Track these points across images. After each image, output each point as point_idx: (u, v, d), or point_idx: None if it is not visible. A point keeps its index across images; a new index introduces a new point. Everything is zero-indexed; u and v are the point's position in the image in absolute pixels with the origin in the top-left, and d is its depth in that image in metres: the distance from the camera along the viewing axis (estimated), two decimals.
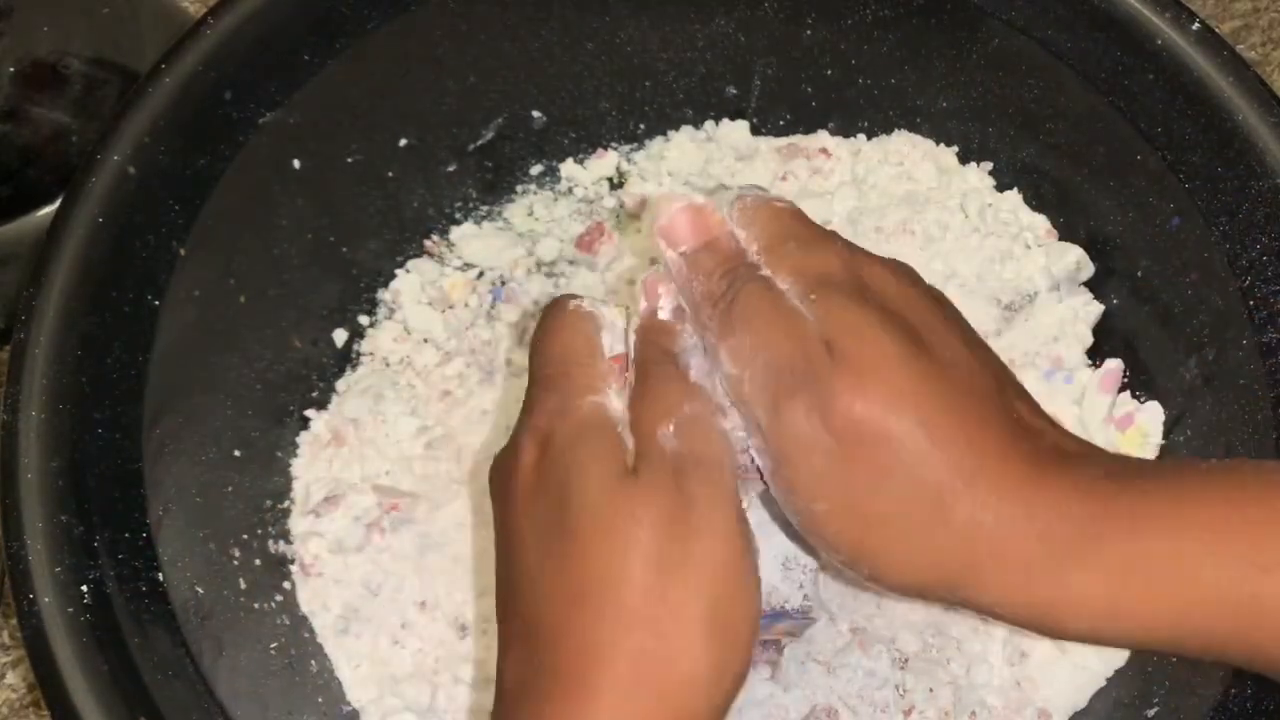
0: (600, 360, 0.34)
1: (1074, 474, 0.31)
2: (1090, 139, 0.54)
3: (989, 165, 0.60)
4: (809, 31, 0.58)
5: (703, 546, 0.30)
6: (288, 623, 0.52)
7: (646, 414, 0.32)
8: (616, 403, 0.33)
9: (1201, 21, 0.50)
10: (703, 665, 0.30)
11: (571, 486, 0.31)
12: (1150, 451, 0.54)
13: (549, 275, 0.60)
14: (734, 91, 0.61)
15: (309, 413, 0.57)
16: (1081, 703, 0.52)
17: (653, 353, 0.34)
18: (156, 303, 0.49)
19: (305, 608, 0.53)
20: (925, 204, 0.59)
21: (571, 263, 0.61)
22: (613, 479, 0.31)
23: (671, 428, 0.32)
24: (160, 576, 0.47)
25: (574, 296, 0.35)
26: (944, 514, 0.30)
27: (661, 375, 0.33)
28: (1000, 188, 0.60)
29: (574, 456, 0.32)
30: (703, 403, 0.32)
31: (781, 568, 0.44)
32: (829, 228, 0.58)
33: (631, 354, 0.35)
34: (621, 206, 0.61)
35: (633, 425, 0.32)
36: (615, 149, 0.63)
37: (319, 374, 0.58)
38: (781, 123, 0.62)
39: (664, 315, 0.35)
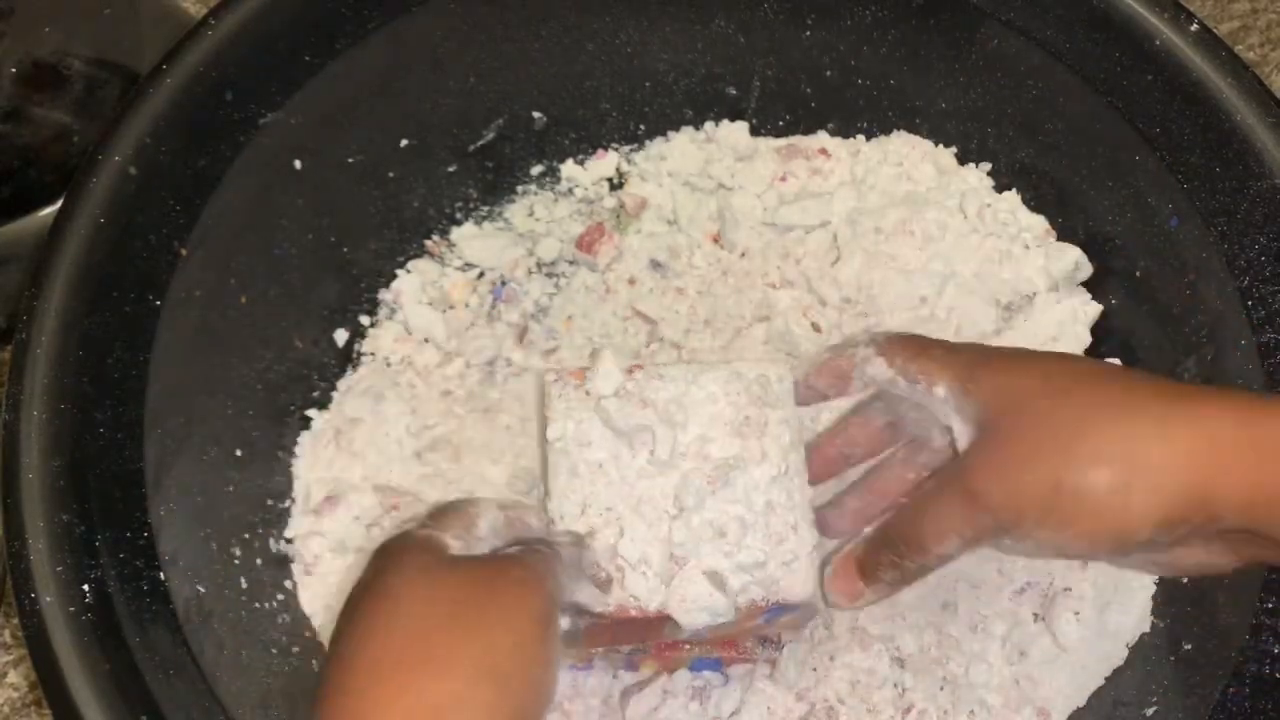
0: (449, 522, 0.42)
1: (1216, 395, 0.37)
2: (1089, 139, 0.55)
3: (988, 166, 0.60)
4: (808, 32, 0.58)
5: (487, 620, 0.36)
6: (289, 622, 0.52)
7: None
8: (453, 540, 0.41)
9: (1200, 22, 0.50)
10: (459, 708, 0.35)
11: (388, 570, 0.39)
12: None
13: (549, 275, 0.61)
14: (734, 92, 0.61)
15: (310, 412, 0.57)
16: (1080, 701, 0.52)
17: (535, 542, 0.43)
18: (158, 303, 0.49)
19: (306, 607, 0.53)
20: (924, 204, 0.59)
21: (571, 263, 0.61)
22: (432, 562, 0.39)
23: (515, 549, 0.41)
24: (161, 576, 0.47)
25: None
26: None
27: (528, 546, 0.42)
28: (999, 188, 0.60)
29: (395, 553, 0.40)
30: (545, 557, 0.41)
31: (783, 564, 0.44)
32: (828, 228, 0.59)
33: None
34: (622, 206, 0.61)
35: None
36: (615, 149, 0.63)
37: (320, 374, 0.58)
38: (781, 123, 0.62)
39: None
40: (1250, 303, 0.49)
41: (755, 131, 0.62)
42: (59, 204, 0.47)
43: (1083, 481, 0.35)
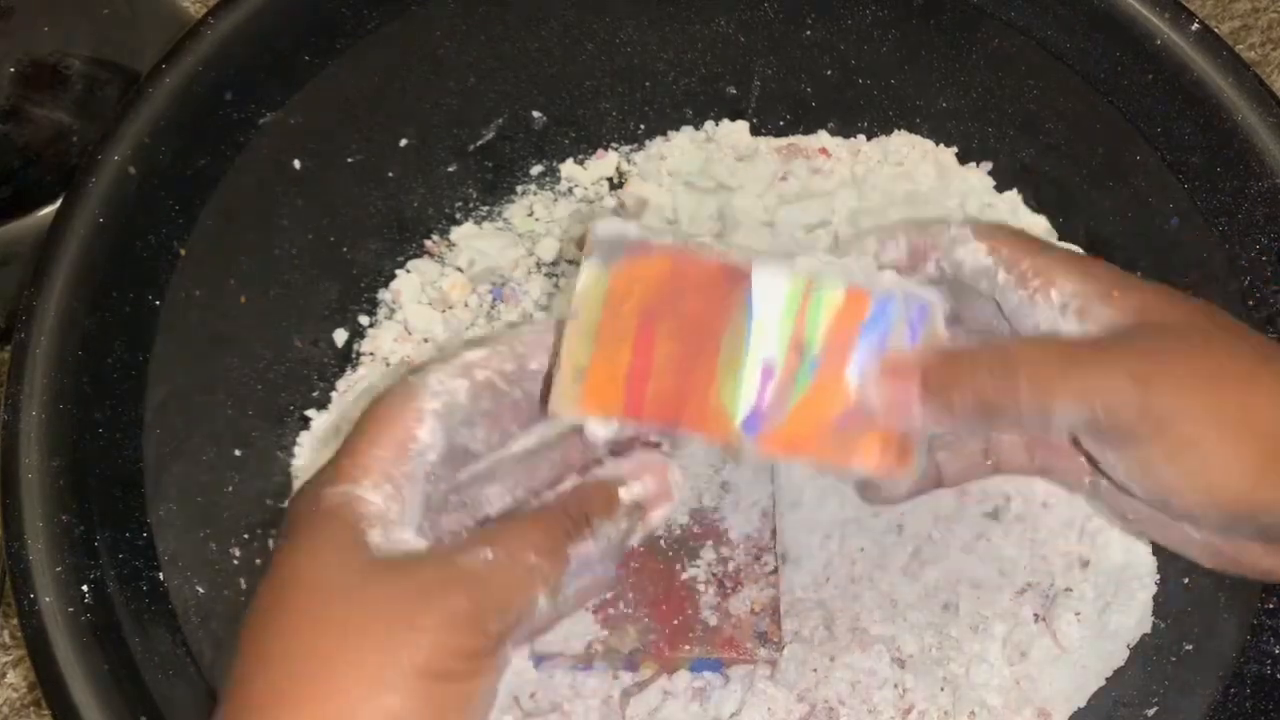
0: (393, 456, 0.34)
1: None
2: (1090, 139, 0.55)
3: (989, 165, 0.60)
4: (808, 32, 0.58)
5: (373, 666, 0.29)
6: None
7: (496, 530, 0.33)
8: (374, 496, 0.33)
9: (1201, 22, 0.50)
10: None
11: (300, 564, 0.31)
12: None
13: (549, 275, 0.61)
14: (734, 91, 0.61)
15: (309, 412, 0.57)
16: (1081, 702, 0.52)
17: (578, 510, 0.33)
18: (157, 303, 0.49)
19: None
20: (925, 204, 0.59)
21: (571, 263, 0.61)
22: (338, 565, 0.31)
23: (489, 552, 0.31)
24: (161, 576, 0.47)
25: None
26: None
27: (543, 517, 0.33)
28: (1000, 188, 0.60)
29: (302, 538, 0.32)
30: (546, 563, 0.32)
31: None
32: (829, 227, 0.59)
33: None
34: (622, 206, 0.61)
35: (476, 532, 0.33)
36: (615, 149, 0.63)
37: (319, 374, 0.58)
38: (781, 123, 0.62)
39: None
40: (1250, 303, 0.49)
41: (755, 131, 0.62)
42: (59, 204, 0.47)
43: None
